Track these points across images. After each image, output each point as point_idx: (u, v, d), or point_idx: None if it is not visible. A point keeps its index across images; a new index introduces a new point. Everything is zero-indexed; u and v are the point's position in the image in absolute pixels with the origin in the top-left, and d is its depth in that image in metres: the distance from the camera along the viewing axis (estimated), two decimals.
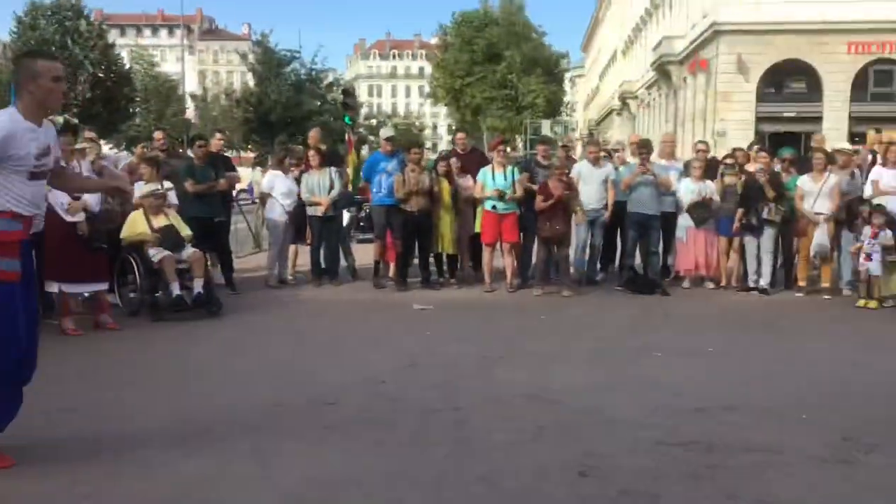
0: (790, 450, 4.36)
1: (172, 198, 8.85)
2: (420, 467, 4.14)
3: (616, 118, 63.17)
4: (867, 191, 9.53)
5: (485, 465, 4.16)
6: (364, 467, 4.15)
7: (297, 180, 10.48)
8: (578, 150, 17.84)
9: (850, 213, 9.52)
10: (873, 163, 10.40)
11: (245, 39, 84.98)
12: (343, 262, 10.90)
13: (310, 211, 10.35)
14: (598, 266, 10.86)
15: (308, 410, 5.17)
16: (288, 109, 38.58)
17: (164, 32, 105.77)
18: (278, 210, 10.40)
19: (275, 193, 10.46)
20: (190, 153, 10.71)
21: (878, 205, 9.08)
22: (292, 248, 10.92)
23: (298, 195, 10.41)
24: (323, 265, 10.50)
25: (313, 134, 11.56)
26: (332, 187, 10.27)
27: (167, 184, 8.91)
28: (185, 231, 8.68)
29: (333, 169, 10.41)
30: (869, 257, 8.96)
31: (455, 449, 4.40)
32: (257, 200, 12.66)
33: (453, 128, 48.53)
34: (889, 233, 8.87)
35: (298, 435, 4.67)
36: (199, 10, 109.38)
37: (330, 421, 4.92)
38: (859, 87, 31.25)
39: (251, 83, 42.44)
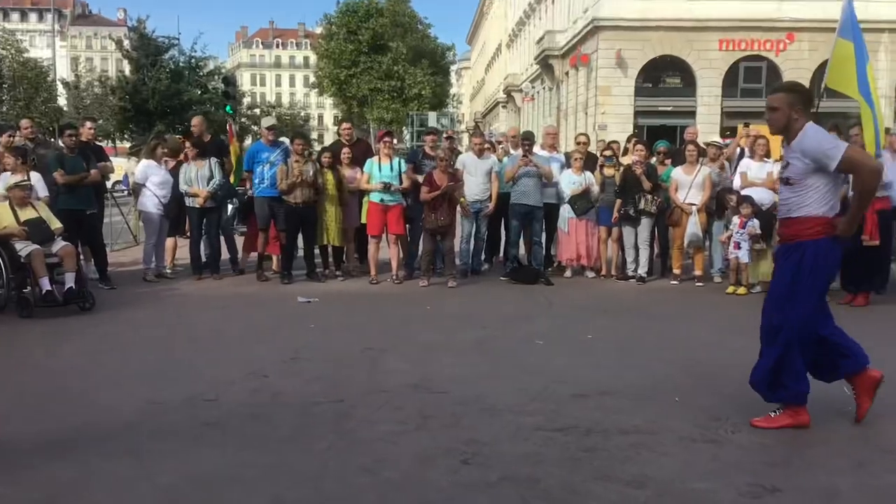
0: (663, 431, 4.53)
1: (41, 189, 8.42)
2: (301, 461, 4.09)
3: (502, 111, 64.12)
4: (736, 182, 10.00)
5: (367, 456, 4.14)
6: (244, 463, 4.07)
7: (174, 171, 10.16)
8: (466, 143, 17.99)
9: (721, 203, 9.96)
10: (742, 155, 10.92)
11: (121, 25, 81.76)
12: (226, 255, 10.63)
13: (188, 202, 10.04)
14: (483, 257, 11.00)
15: (186, 407, 5.02)
16: (167, 98, 37.30)
17: (33, 17, 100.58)
18: (153, 202, 10.04)
19: (148, 184, 10.10)
20: (60, 143, 10.19)
21: (746, 195, 9.53)
22: (170, 240, 10.58)
23: (174, 186, 10.09)
24: (204, 258, 10.22)
25: (196, 122, 11.22)
26: (211, 178, 9.99)
27: (35, 175, 8.47)
28: (55, 224, 8.30)
29: (213, 160, 10.12)
30: (738, 246, 9.40)
31: (337, 441, 4.36)
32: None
33: (339, 118, 48.10)
34: (756, 222, 9.31)
35: (176, 433, 4.54)
36: None
37: (209, 417, 4.79)
38: (730, 82, 32.81)
39: (127, 71, 40.84)
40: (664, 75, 33.90)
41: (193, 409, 4.97)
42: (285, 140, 10.82)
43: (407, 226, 10.39)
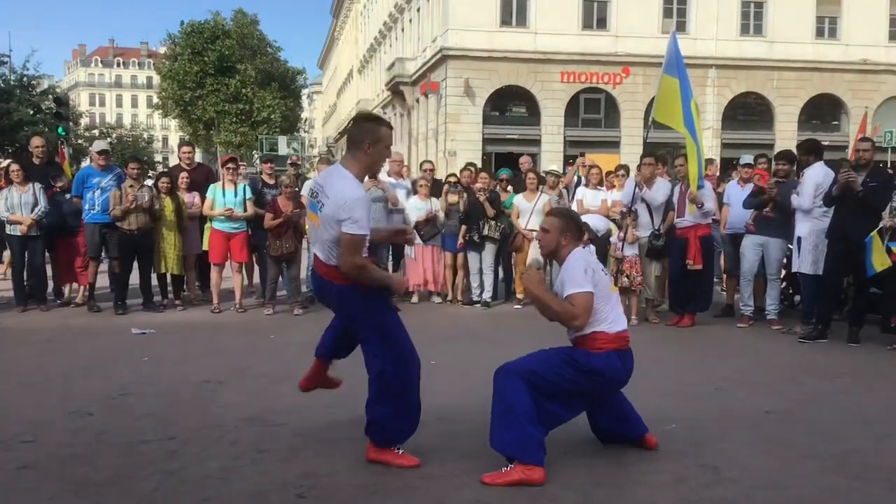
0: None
1: None
2: (127, 500, 3.87)
3: None
4: (573, 209, 10.40)
5: (197, 495, 3.98)
6: (51, 497, 3.80)
7: None
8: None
9: None
10: (579, 183, 11.39)
11: None
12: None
13: (9, 230, 9.40)
14: None
15: (0, 450, 4.66)
16: None
17: None
18: None
19: None
20: None
21: (583, 222, 9.91)
22: None
23: None
24: (27, 289, 9.59)
25: (39, 142, 10.57)
26: (36, 204, 9.41)
27: None
28: None
29: (37, 185, 9.54)
30: None
31: (164, 481, 4.16)
32: None
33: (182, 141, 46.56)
34: (592, 247, 9.67)
35: None
36: None
37: (25, 460, 4.48)
38: (572, 112, 34.26)
39: None
40: (511, 104, 34.98)
41: (8, 452, 4.63)
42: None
43: (255, 254, 10.17)
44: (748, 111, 35.61)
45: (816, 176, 8.39)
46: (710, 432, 5.12)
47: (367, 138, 4.18)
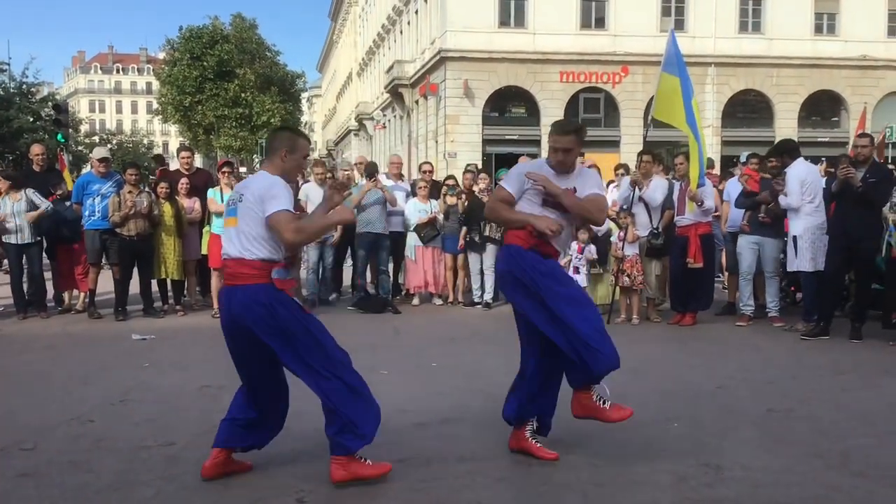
0: (501, 456, 4.59)
1: None
2: None
3: (354, 138, 64.18)
4: None
5: (197, 501, 3.98)
6: None
7: None
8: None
9: None
10: None
11: None
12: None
13: (4, 238, 9.41)
14: (330, 286, 10.89)
15: (0, 458, 4.65)
16: None
17: None
18: None
19: None
20: None
21: None
22: None
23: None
24: (27, 296, 9.60)
25: (38, 149, 10.59)
26: (31, 209, 9.42)
27: None
28: None
29: (30, 190, 9.54)
30: (577, 270, 9.74)
31: (165, 487, 4.15)
32: None
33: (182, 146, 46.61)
34: (593, 248, 9.69)
35: None
36: None
37: (25, 467, 4.46)
38: (572, 112, 34.13)
39: None
40: (510, 105, 34.97)
41: (8, 460, 4.61)
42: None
43: None
44: (748, 108, 35.58)
45: (799, 174, 8.39)
46: (712, 431, 5.10)
47: (283, 146, 4.22)
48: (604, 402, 4.42)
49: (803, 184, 8.29)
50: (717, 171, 13.23)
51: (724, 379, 6.57)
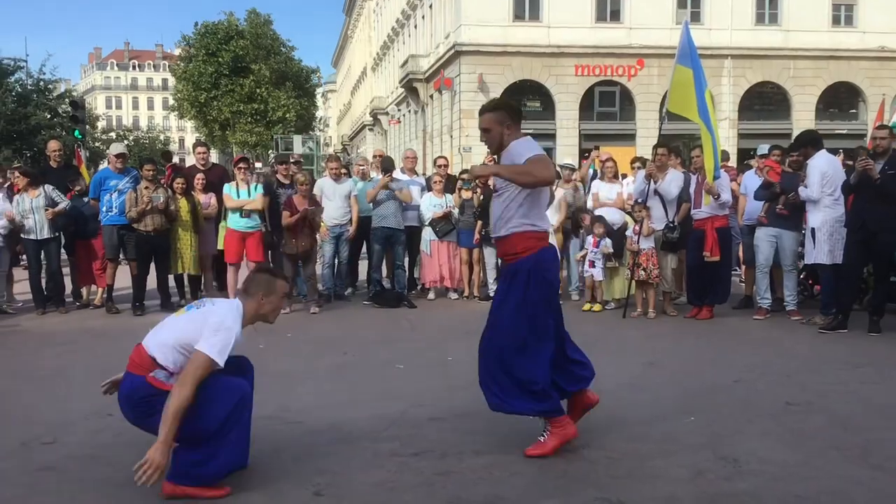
0: (518, 451, 4.58)
1: None
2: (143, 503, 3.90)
3: (369, 133, 64.26)
4: (589, 203, 10.36)
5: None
6: None
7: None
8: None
9: (576, 223, 10.29)
10: (594, 176, 11.34)
11: None
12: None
13: (24, 234, 9.50)
14: (346, 281, 10.92)
15: (21, 452, 4.70)
16: (13, 123, 35.19)
17: None
18: None
19: None
20: None
21: (598, 216, 9.88)
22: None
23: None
24: (45, 291, 9.69)
25: (55, 146, 10.68)
26: (50, 206, 9.49)
27: None
28: None
29: (48, 186, 9.61)
30: (592, 264, 9.73)
31: None
32: None
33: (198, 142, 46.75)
34: (608, 241, 9.67)
35: (8, 480, 4.25)
36: None
37: (46, 461, 4.51)
38: (587, 106, 34.13)
39: None
40: (525, 99, 34.86)
41: (28, 454, 4.66)
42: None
43: (268, 252, 10.20)
44: (765, 101, 35.35)
45: (821, 165, 8.33)
46: (730, 425, 5.08)
47: (260, 290, 4.20)
48: None
49: (824, 176, 8.23)
50: (732, 163, 13.11)
51: (741, 372, 6.54)
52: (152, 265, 9.74)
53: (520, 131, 4.58)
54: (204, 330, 3.93)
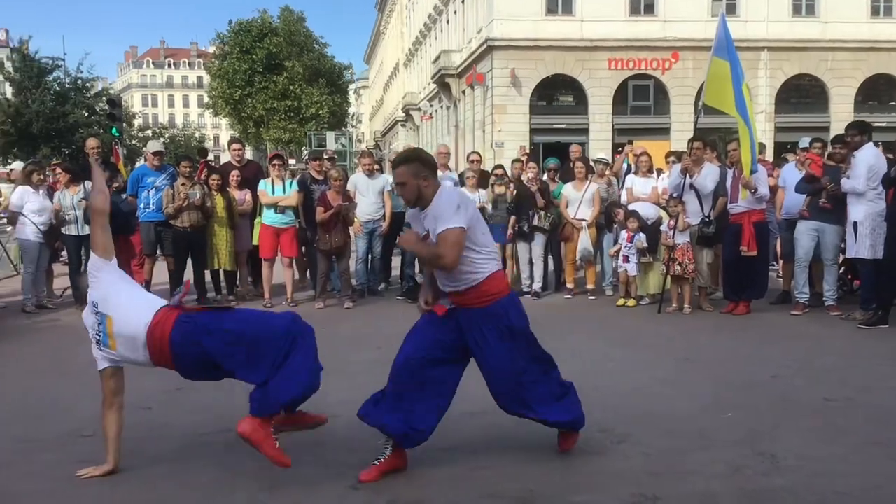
0: (551, 444, 4.57)
1: None
2: (183, 496, 3.96)
3: (401, 129, 64.35)
4: (623, 197, 10.29)
5: (254, 485, 4.05)
6: (121, 502, 3.90)
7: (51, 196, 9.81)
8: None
9: (610, 218, 10.23)
10: (628, 171, 11.26)
11: (1, 46, 78.20)
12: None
13: (64, 230, 9.67)
14: (379, 277, 10.96)
15: (62, 445, 4.80)
16: (51, 121, 35.87)
17: None
18: (31, 229, 9.60)
19: (25, 211, 9.65)
20: None
21: (633, 210, 9.81)
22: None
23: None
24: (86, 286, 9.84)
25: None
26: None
27: None
28: None
29: (89, 183, 9.76)
30: (626, 259, 9.66)
31: (222, 473, 4.24)
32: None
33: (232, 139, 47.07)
34: (643, 236, 9.59)
35: (49, 472, 4.33)
36: None
37: (85, 454, 4.57)
38: (620, 100, 33.88)
39: (9, 93, 39.08)
40: (557, 93, 34.75)
41: (69, 447, 4.75)
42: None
43: (303, 248, 10.27)
44: (802, 94, 34.83)
45: (868, 157, 8.17)
46: (768, 421, 5.03)
47: None
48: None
49: (871, 168, 8.09)
50: (768, 157, 12.93)
51: (779, 368, 6.46)
52: (189, 261, 9.85)
53: (437, 181, 4.24)
54: None
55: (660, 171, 10.98)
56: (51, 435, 4.96)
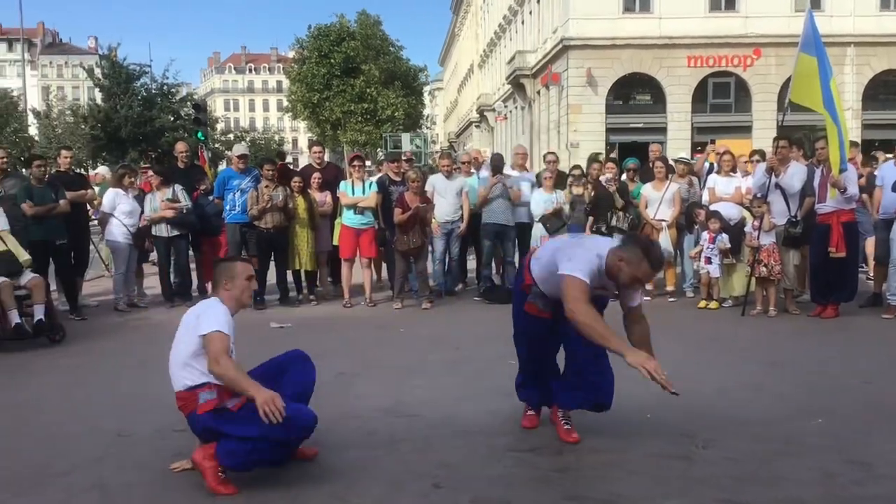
0: (634, 448, 4.54)
1: (2, 223, 8.34)
2: (271, 491, 4.05)
3: (475, 130, 64.44)
4: (704, 198, 10.09)
5: (338, 483, 4.12)
6: (212, 495, 4.02)
7: (140, 199, 10.16)
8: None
9: (691, 219, 10.05)
10: (710, 171, 11.04)
11: (91, 53, 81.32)
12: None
13: (154, 231, 10.00)
14: (456, 277, 11.01)
15: (155, 439, 4.97)
16: (139, 125, 37.06)
17: (3, 46, 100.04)
18: (120, 230, 9.96)
19: (116, 213, 10.01)
20: (25, 172, 10.14)
21: (714, 210, 9.62)
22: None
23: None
24: (173, 286, 10.17)
25: (183, 147, 11.21)
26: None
27: None
28: (23, 256, 8.20)
29: (178, 186, 10.07)
30: (708, 261, 9.47)
31: (308, 469, 4.33)
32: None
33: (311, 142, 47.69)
34: (725, 237, 9.39)
35: (144, 465, 4.49)
36: (41, 24, 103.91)
37: (178, 449, 4.72)
38: (700, 98, 33.23)
39: (99, 99, 40.56)
40: (634, 92, 34.28)
41: (162, 441, 4.91)
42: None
43: (381, 248, 10.39)
44: (891, 90, 33.51)
45: None
46: (859, 427, 4.87)
47: (223, 278, 4.42)
48: None
49: None
50: (856, 152, 12.47)
51: (870, 373, 6.25)
52: (271, 262, 10.08)
53: None
54: (197, 328, 4.18)
55: (746, 173, 10.68)
56: (143, 429, 5.13)
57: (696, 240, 9.86)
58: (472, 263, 11.50)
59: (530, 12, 41.76)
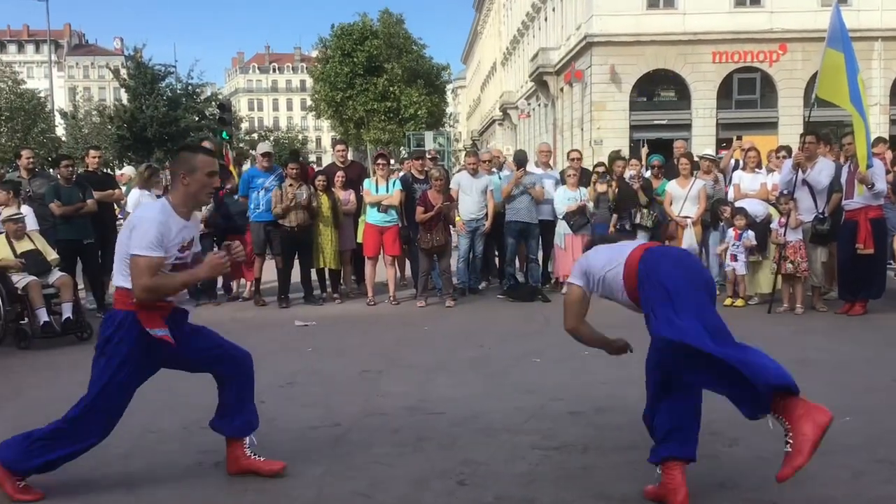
0: None
1: (31, 222, 8.46)
2: (296, 487, 4.08)
3: (498, 128, 64.31)
4: (730, 194, 10.02)
5: (363, 480, 4.13)
6: (239, 491, 4.07)
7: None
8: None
9: (716, 216, 9.98)
10: (736, 167, 10.95)
11: (117, 54, 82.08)
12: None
13: None
14: (480, 275, 11.01)
15: (182, 436, 5.02)
16: (164, 125, 37.42)
17: (30, 48, 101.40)
18: None
19: None
20: (52, 172, 10.27)
21: (740, 207, 9.54)
22: None
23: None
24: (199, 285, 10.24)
25: (209, 146, 11.29)
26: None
27: (25, 208, 8.57)
28: (52, 255, 8.33)
29: None
30: (734, 258, 9.40)
31: (333, 466, 4.35)
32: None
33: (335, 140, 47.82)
34: (751, 233, 9.31)
35: (173, 462, 4.54)
36: (68, 25, 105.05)
37: (205, 445, 4.77)
38: (725, 94, 32.94)
39: (125, 99, 40.98)
40: (659, 89, 34.04)
41: (189, 438, 4.97)
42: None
43: (405, 246, 10.41)
44: None
45: None
46: (888, 426, 4.82)
47: (181, 168, 3.96)
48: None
49: None
50: (885, 148, 12.32)
51: None
52: (296, 260, 10.13)
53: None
54: (129, 243, 3.86)
55: (770, 170, 10.59)
56: (171, 426, 5.19)
57: (721, 237, 9.79)
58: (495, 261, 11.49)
59: (553, 9, 41.60)
